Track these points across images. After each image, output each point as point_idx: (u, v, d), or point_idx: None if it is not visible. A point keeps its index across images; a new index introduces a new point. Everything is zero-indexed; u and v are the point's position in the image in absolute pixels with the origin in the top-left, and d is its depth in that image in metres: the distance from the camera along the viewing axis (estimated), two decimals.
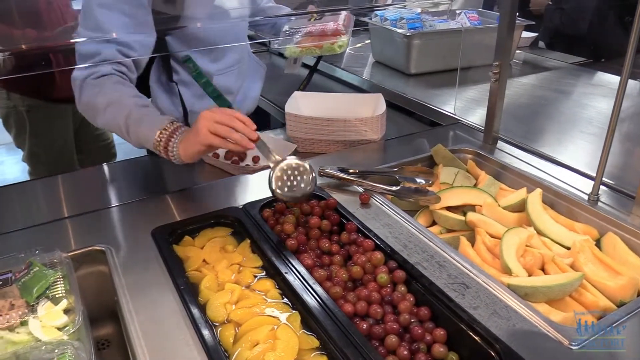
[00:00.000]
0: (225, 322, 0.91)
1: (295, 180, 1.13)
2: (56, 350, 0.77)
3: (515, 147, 1.51)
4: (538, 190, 1.24)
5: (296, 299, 0.93)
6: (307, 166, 1.14)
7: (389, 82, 2.21)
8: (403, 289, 0.97)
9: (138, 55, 1.30)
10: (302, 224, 1.15)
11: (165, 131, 1.16)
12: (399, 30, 2.23)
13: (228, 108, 1.16)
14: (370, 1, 2.56)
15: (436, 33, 2.27)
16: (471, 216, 1.18)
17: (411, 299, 0.95)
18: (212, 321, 0.90)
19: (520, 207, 1.24)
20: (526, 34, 2.64)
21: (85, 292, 0.91)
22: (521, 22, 2.35)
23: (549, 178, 1.32)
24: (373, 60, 2.53)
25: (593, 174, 1.21)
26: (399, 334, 0.89)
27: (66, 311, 0.86)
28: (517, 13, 1.43)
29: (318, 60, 2.02)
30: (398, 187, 1.26)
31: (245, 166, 1.45)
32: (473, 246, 1.13)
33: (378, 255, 1.02)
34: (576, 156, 1.47)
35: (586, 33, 2.84)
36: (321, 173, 1.30)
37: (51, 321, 0.83)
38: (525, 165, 1.40)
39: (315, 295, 0.92)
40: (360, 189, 1.27)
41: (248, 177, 1.37)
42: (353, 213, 1.17)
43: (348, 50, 2.64)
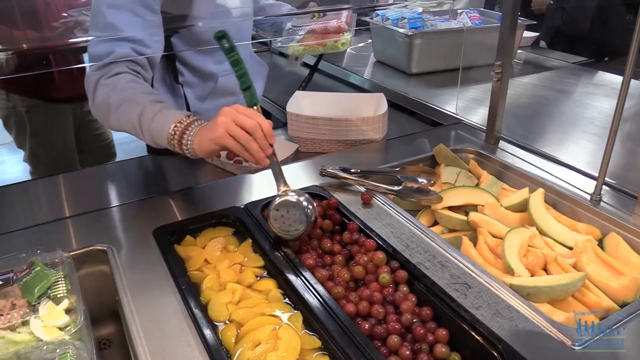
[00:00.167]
0: (227, 322, 0.91)
1: (291, 220, 1.04)
2: (57, 350, 0.77)
3: (517, 147, 1.51)
4: (540, 190, 1.24)
5: (298, 299, 0.93)
6: (305, 204, 1.05)
7: (391, 82, 2.21)
8: (405, 289, 0.97)
9: (152, 52, 1.26)
10: None
11: (180, 124, 1.09)
12: (401, 29, 2.23)
13: (254, 107, 1.08)
14: (371, 0, 2.56)
15: (437, 33, 2.27)
16: (473, 216, 1.18)
17: (413, 299, 0.94)
18: (214, 321, 0.90)
19: (522, 207, 1.23)
20: (527, 34, 2.64)
21: (86, 292, 0.91)
22: (523, 22, 2.35)
23: (551, 178, 1.32)
24: (374, 59, 2.52)
25: (595, 174, 1.21)
26: (401, 334, 0.88)
27: (67, 311, 0.85)
28: (519, 12, 1.43)
29: (319, 59, 2.02)
30: (400, 187, 1.26)
31: (246, 166, 1.45)
32: (475, 246, 1.13)
33: (380, 255, 1.02)
34: (578, 156, 1.47)
35: (588, 32, 2.83)
36: (323, 173, 1.30)
37: (52, 321, 0.83)
38: (527, 165, 1.40)
39: (317, 295, 0.92)
40: (362, 189, 1.27)
41: (250, 177, 1.37)
42: (355, 213, 1.17)
43: (349, 49, 2.63)
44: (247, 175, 1.38)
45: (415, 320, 0.91)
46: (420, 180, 1.29)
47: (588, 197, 1.22)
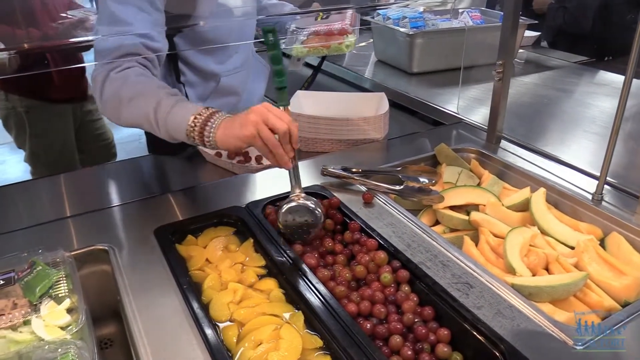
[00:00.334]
0: (228, 322, 0.90)
1: (301, 224, 1.08)
2: (59, 349, 0.77)
3: (518, 147, 1.51)
4: (542, 189, 1.23)
5: (299, 299, 0.93)
6: (318, 213, 1.07)
7: (392, 81, 2.21)
8: (407, 289, 0.97)
9: (160, 47, 1.24)
10: None
11: (200, 116, 1.06)
12: (402, 29, 2.22)
13: (285, 109, 1.05)
14: (372, 0, 2.56)
15: (439, 32, 2.26)
16: (475, 216, 1.18)
17: (415, 299, 0.94)
18: (215, 320, 0.90)
19: (524, 207, 1.23)
20: (529, 33, 2.63)
21: (88, 292, 0.91)
22: (524, 21, 2.35)
23: (553, 177, 1.32)
24: (375, 59, 2.52)
25: (597, 174, 1.21)
26: (403, 334, 0.88)
27: (69, 310, 0.85)
28: (520, 12, 1.42)
29: (322, 59, 2.02)
30: (401, 187, 1.26)
31: (248, 165, 1.45)
32: (477, 246, 1.13)
33: (381, 254, 1.02)
34: (580, 155, 1.46)
35: (589, 32, 2.83)
36: (324, 172, 1.30)
37: (54, 320, 0.83)
38: (528, 164, 1.40)
39: (318, 294, 0.92)
40: (363, 188, 1.27)
41: (251, 176, 1.37)
42: (356, 212, 1.17)
43: None
44: (249, 174, 1.38)
45: (416, 320, 0.91)
46: (421, 179, 1.29)
47: (590, 197, 1.21)
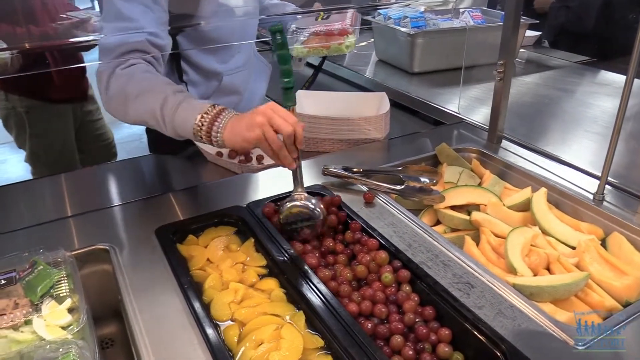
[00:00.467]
0: (229, 321, 0.91)
1: (301, 224, 1.09)
2: (60, 349, 0.77)
3: (519, 146, 1.51)
4: (543, 189, 1.23)
5: (300, 298, 0.93)
6: (318, 213, 1.08)
7: (393, 81, 2.20)
8: (408, 289, 0.97)
9: (166, 44, 1.25)
10: None
11: (206, 115, 1.05)
12: (403, 28, 2.22)
13: (291, 109, 1.04)
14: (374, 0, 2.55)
15: (440, 32, 2.26)
16: (476, 215, 1.18)
17: (416, 299, 0.94)
18: (216, 320, 0.90)
19: (525, 207, 1.23)
20: (530, 33, 2.63)
21: (89, 291, 0.90)
22: (525, 21, 2.34)
23: (554, 177, 1.32)
24: (376, 58, 2.52)
25: (598, 173, 1.21)
26: (404, 334, 0.88)
27: (70, 310, 0.85)
28: (521, 12, 1.42)
29: (323, 59, 2.02)
30: (402, 186, 1.26)
31: (249, 165, 1.45)
32: (478, 245, 1.13)
33: (382, 254, 1.02)
34: (581, 155, 1.46)
35: (591, 31, 2.82)
36: (325, 172, 1.30)
37: (55, 320, 0.83)
38: (529, 164, 1.40)
39: (319, 294, 0.91)
40: (364, 188, 1.27)
41: (252, 176, 1.37)
42: (357, 212, 1.17)
43: None
44: (249, 174, 1.38)
45: (417, 319, 0.90)
46: (422, 179, 1.29)
47: (591, 197, 1.21)
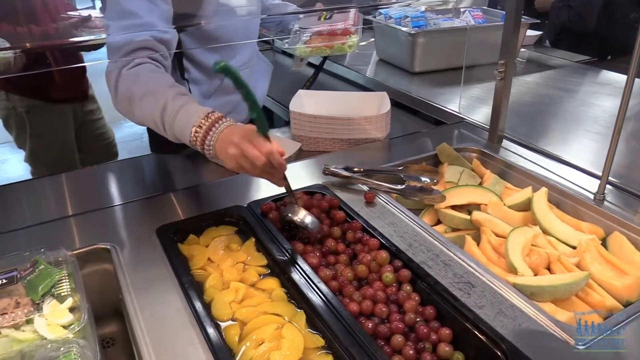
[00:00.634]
0: (230, 321, 0.91)
1: (296, 231, 1.12)
2: (62, 348, 0.77)
3: (520, 146, 1.51)
4: (543, 189, 1.23)
5: (301, 298, 0.93)
6: (312, 228, 1.09)
7: (393, 81, 2.20)
8: (408, 288, 0.97)
9: (171, 37, 1.25)
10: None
11: (199, 129, 1.06)
12: (404, 28, 2.22)
13: (265, 139, 1.01)
14: None
15: (440, 31, 2.26)
16: (476, 215, 1.18)
17: (416, 298, 0.94)
18: (217, 320, 0.90)
19: (525, 206, 1.23)
20: (530, 32, 2.63)
21: (90, 290, 0.91)
22: (526, 20, 2.34)
23: (555, 177, 1.32)
24: (377, 58, 2.52)
25: (599, 173, 1.21)
26: (405, 333, 0.88)
27: (71, 309, 0.86)
28: (522, 11, 1.42)
29: (324, 59, 2.02)
30: (403, 186, 1.26)
31: None
32: (478, 245, 1.13)
33: (383, 254, 1.02)
34: (582, 155, 1.46)
35: (592, 30, 2.82)
36: (326, 172, 1.30)
37: (56, 319, 0.83)
38: (530, 164, 1.40)
39: (320, 294, 0.92)
40: (365, 188, 1.27)
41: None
42: (358, 212, 1.17)
43: None
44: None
45: (418, 319, 0.91)
46: (423, 179, 1.29)
47: (591, 196, 1.21)
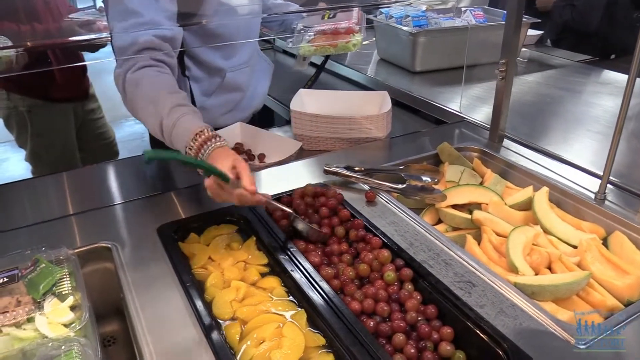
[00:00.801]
0: (231, 320, 0.91)
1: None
2: (63, 346, 0.77)
3: (521, 146, 1.51)
4: (544, 188, 1.23)
5: (302, 297, 0.93)
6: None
7: (394, 80, 2.20)
8: (410, 287, 0.97)
9: (175, 33, 1.27)
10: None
11: (190, 150, 1.09)
12: (404, 27, 2.22)
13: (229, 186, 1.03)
14: None
15: (441, 31, 2.26)
16: (477, 214, 1.17)
17: (418, 297, 0.94)
18: (218, 318, 0.90)
19: (526, 206, 1.23)
20: (531, 32, 2.63)
21: (91, 289, 0.91)
22: (527, 20, 2.34)
23: (556, 176, 1.32)
24: (378, 57, 2.52)
25: (600, 173, 1.21)
26: (406, 332, 0.88)
27: (72, 308, 0.86)
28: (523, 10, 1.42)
29: (326, 58, 2.02)
30: (404, 185, 1.26)
31: (251, 164, 1.45)
32: (479, 245, 1.12)
33: (385, 253, 1.02)
34: (583, 154, 1.46)
35: (594, 30, 2.81)
36: (327, 171, 1.30)
37: (57, 318, 0.83)
38: (531, 163, 1.40)
39: (321, 292, 0.92)
40: (366, 187, 1.27)
41: (254, 175, 1.36)
42: (359, 211, 1.17)
43: None
44: (251, 173, 1.37)
45: (420, 318, 0.91)
46: (424, 178, 1.29)
47: (592, 196, 1.21)
